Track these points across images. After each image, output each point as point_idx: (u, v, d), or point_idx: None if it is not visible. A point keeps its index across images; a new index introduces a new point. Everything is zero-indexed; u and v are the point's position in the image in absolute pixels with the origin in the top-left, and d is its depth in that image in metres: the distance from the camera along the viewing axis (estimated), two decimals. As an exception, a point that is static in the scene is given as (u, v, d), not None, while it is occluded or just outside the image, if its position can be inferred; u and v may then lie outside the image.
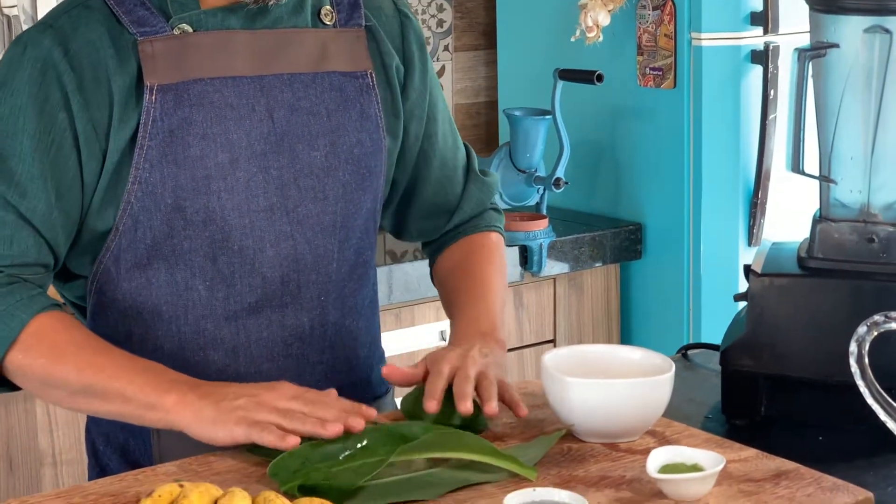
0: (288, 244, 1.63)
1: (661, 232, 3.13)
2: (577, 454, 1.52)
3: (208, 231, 1.58)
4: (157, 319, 1.60)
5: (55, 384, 1.55)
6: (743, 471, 1.46)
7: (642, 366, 1.60)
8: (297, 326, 1.65)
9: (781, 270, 1.69)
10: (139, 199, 1.56)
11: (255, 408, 1.46)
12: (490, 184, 1.89)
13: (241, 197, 1.60)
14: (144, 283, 1.60)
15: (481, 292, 1.76)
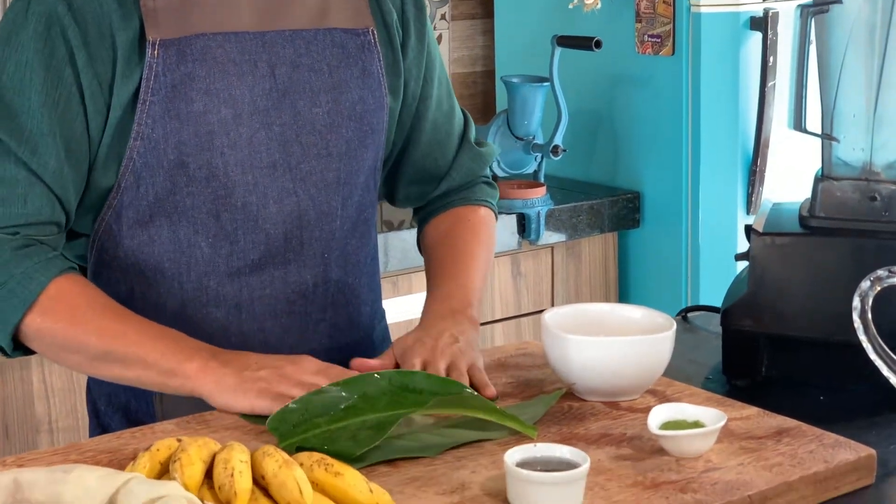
0: (291, 200, 1.62)
1: (659, 200, 3.12)
2: (578, 412, 1.51)
3: (211, 187, 1.57)
4: (159, 277, 1.59)
5: (75, 349, 1.54)
6: (744, 428, 1.46)
7: (643, 324, 1.59)
8: (300, 283, 1.65)
9: (783, 229, 1.67)
10: (142, 156, 1.55)
11: (278, 380, 1.46)
12: (484, 154, 1.87)
13: (244, 153, 1.58)
14: (147, 240, 1.59)
15: (461, 268, 1.75)
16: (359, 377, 1.50)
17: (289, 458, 1.23)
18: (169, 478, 1.22)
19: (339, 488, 1.22)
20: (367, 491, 1.22)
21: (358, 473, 1.24)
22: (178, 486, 1.06)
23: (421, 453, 1.38)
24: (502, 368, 1.66)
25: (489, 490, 1.29)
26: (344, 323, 1.69)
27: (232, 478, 1.19)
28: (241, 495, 1.18)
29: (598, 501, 1.27)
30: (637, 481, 1.31)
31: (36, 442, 2.43)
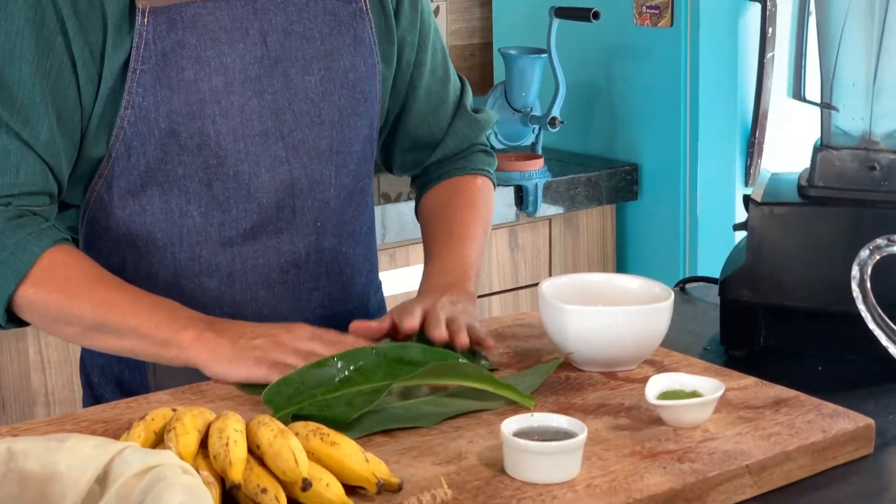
0: (283, 169, 1.61)
1: (657, 172, 3.11)
2: (575, 382, 1.50)
3: (203, 156, 1.56)
4: (151, 247, 1.58)
5: (68, 320, 1.53)
6: (742, 398, 1.45)
7: (641, 294, 1.58)
8: (293, 253, 1.64)
9: (781, 199, 1.66)
10: (132, 125, 1.54)
11: (273, 348, 1.45)
12: (481, 121, 1.86)
13: (236, 121, 1.57)
14: (138, 210, 1.58)
15: (457, 240, 1.74)
16: (354, 350, 1.49)
17: (284, 427, 1.22)
18: (164, 447, 1.21)
19: (334, 458, 1.21)
20: (363, 460, 1.21)
21: (354, 443, 1.23)
22: (173, 456, 1.05)
23: (417, 423, 1.37)
24: (499, 339, 1.65)
25: (486, 460, 1.29)
26: (338, 292, 1.69)
27: (227, 447, 1.18)
28: (236, 465, 1.17)
29: (595, 471, 1.26)
30: (634, 451, 1.31)
31: (32, 414, 2.43)
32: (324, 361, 1.46)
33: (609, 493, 1.22)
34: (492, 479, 1.24)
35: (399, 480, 1.22)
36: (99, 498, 1.06)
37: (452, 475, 1.25)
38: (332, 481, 1.19)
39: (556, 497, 1.21)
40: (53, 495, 1.08)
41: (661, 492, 1.23)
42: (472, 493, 1.22)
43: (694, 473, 1.26)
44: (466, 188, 1.82)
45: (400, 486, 1.22)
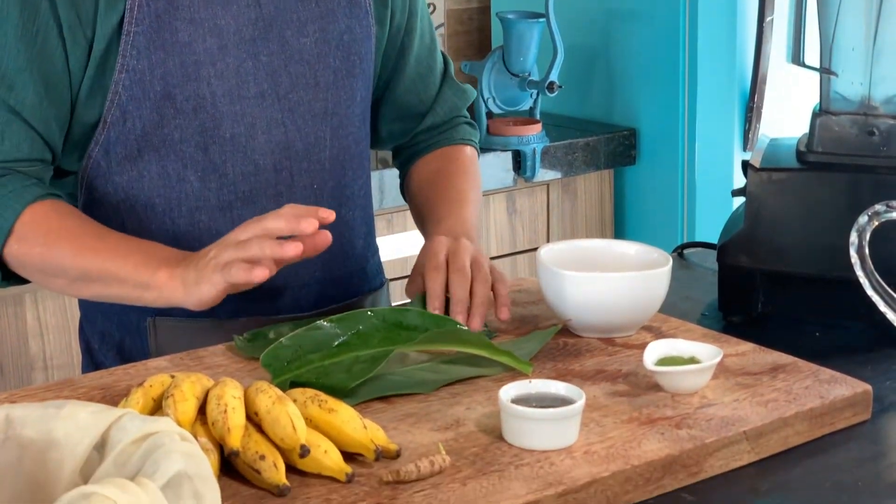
0: (279, 131, 1.60)
1: (655, 137, 3.10)
2: (573, 349, 1.50)
3: (199, 119, 1.56)
4: (150, 213, 1.58)
5: (54, 272, 1.53)
6: (740, 364, 1.45)
7: (639, 260, 1.58)
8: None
9: (780, 165, 1.66)
10: (127, 88, 1.53)
11: (221, 251, 1.43)
12: (466, 91, 1.87)
13: (232, 83, 1.57)
14: (136, 175, 1.57)
15: (456, 206, 1.74)
16: (351, 314, 1.50)
17: (282, 394, 1.22)
18: (162, 414, 1.21)
19: (332, 424, 1.21)
20: (361, 427, 1.21)
21: (352, 410, 1.23)
22: (171, 423, 1.05)
23: (415, 390, 1.37)
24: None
25: (484, 426, 1.29)
26: (337, 255, 1.68)
27: (225, 414, 1.18)
28: (235, 431, 1.17)
29: (593, 437, 1.26)
30: (632, 417, 1.31)
31: (30, 379, 2.43)
32: (320, 325, 1.46)
33: (607, 459, 1.22)
34: (490, 446, 1.25)
35: (397, 447, 1.22)
36: (97, 465, 1.06)
37: (450, 442, 1.26)
38: (331, 448, 1.19)
39: (553, 463, 1.21)
40: (51, 462, 1.08)
41: (658, 458, 1.23)
42: (470, 459, 1.22)
43: (692, 440, 1.26)
44: (458, 157, 1.83)
45: (398, 453, 1.22)
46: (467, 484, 1.17)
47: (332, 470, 1.18)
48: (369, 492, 1.16)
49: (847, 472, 1.28)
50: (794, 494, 1.23)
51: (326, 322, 1.47)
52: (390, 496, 1.15)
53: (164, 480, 0.96)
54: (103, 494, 0.92)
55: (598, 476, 1.19)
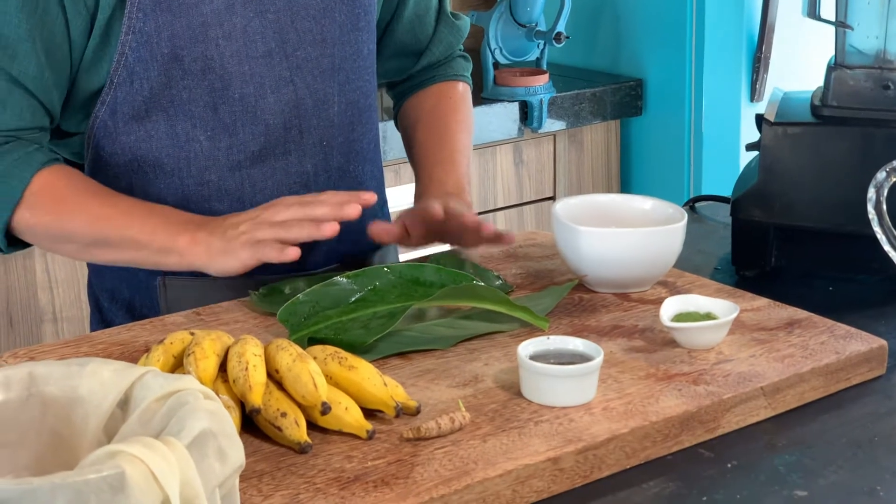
0: (288, 89, 1.60)
1: (662, 88, 3.09)
2: (589, 304, 1.50)
3: (207, 80, 1.55)
4: (159, 173, 1.57)
5: (66, 239, 1.54)
6: (755, 320, 1.45)
7: (653, 215, 1.58)
8: (302, 173, 1.63)
9: (795, 119, 1.65)
10: (134, 50, 1.52)
11: (255, 228, 1.44)
12: (460, 27, 1.87)
13: (240, 43, 1.56)
14: (144, 136, 1.56)
15: (448, 152, 1.74)
16: (368, 270, 1.50)
17: (302, 351, 1.22)
18: (183, 371, 1.21)
19: (352, 381, 1.22)
20: (382, 384, 1.22)
21: (371, 367, 1.24)
22: (193, 380, 1.05)
23: (433, 346, 1.38)
24: (511, 259, 1.65)
25: (502, 382, 1.29)
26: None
27: (246, 371, 1.19)
28: (256, 389, 1.18)
29: (610, 394, 1.27)
30: (650, 373, 1.31)
31: (40, 332, 2.43)
32: (337, 280, 1.47)
33: (625, 415, 1.22)
34: (508, 402, 1.25)
35: (417, 404, 1.23)
36: (121, 422, 1.07)
37: (469, 398, 1.26)
38: (351, 405, 1.19)
39: (572, 420, 1.21)
40: (75, 419, 1.08)
41: (676, 414, 1.23)
42: (489, 416, 1.22)
43: (709, 396, 1.27)
44: (450, 95, 1.84)
45: (418, 410, 1.23)
46: (487, 441, 1.18)
47: (353, 427, 1.18)
48: (390, 448, 1.16)
49: (863, 427, 1.29)
50: (810, 450, 1.24)
51: (343, 278, 1.47)
52: (411, 453, 1.16)
53: (190, 439, 0.96)
54: (130, 453, 0.93)
55: (617, 432, 1.19)
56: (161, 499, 0.92)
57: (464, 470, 1.12)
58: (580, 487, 1.17)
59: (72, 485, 0.90)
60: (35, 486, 0.90)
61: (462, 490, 1.10)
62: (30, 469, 1.08)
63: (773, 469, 1.20)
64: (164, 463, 0.94)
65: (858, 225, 1.55)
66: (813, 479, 1.18)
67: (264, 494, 1.09)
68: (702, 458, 1.23)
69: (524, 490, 1.14)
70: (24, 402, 1.09)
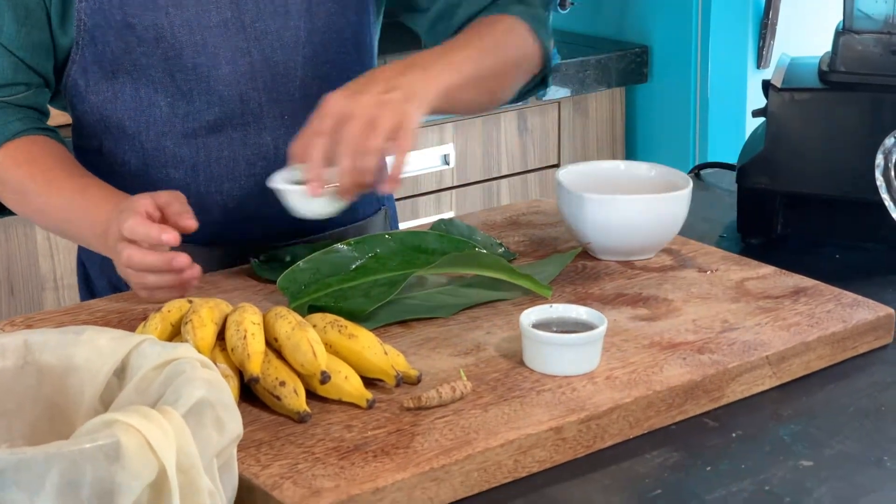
0: (245, 61, 1.54)
1: (667, 55, 3.07)
2: (592, 272, 1.49)
3: (161, 48, 1.51)
4: (122, 134, 1.56)
5: (30, 220, 1.59)
6: (761, 288, 1.44)
7: (658, 182, 1.56)
8: (261, 146, 1.58)
9: (802, 85, 1.63)
10: (90, 16, 1.50)
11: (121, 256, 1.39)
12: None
13: (191, 12, 1.51)
14: (111, 96, 1.55)
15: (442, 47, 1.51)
16: (369, 237, 1.48)
17: (302, 319, 1.21)
18: (180, 339, 1.20)
19: (353, 350, 1.20)
20: (382, 353, 1.20)
21: (372, 335, 1.22)
22: (191, 349, 1.04)
23: (434, 314, 1.36)
24: (515, 227, 1.64)
25: (504, 351, 1.28)
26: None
27: (245, 340, 1.17)
28: (254, 357, 1.16)
29: (614, 363, 1.25)
30: (654, 342, 1.30)
31: (41, 299, 2.42)
32: (337, 248, 1.45)
33: (629, 385, 1.21)
34: (511, 371, 1.24)
35: (418, 372, 1.22)
36: (118, 391, 1.06)
37: (471, 367, 1.25)
38: (351, 374, 1.18)
39: (575, 389, 1.20)
40: (71, 388, 1.07)
41: (680, 383, 1.22)
42: (491, 385, 1.21)
43: (714, 365, 1.25)
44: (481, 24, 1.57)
45: (419, 379, 1.21)
46: (489, 410, 1.16)
47: (353, 396, 1.17)
48: (390, 418, 1.15)
49: (870, 396, 1.27)
50: (816, 419, 1.23)
51: (343, 245, 1.45)
52: (412, 422, 1.14)
53: (187, 408, 0.95)
54: (126, 423, 0.91)
55: (620, 402, 1.18)
56: (157, 468, 0.91)
57: (465, 440, 1.11)
58: (583, 457, 1.16)
59: (67, 454, 0.89)
60: (29, 456, 0.88)
61: (463, 460, 1.08)
62: (25, 438, 1.07)
63: (779, 439, 1.19)
64: (160, 433, 0.92)
65: (866, 192, 1.54)
66: (819, 449, 1.17)
67: (263, 464, 1.08)
68: (706, 427, 1.21)
69: (526, 460, 1.12)
70: (19, 371, 1.07)
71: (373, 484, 1.04)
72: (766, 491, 1.10)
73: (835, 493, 1.10)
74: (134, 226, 1.35)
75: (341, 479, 1.05)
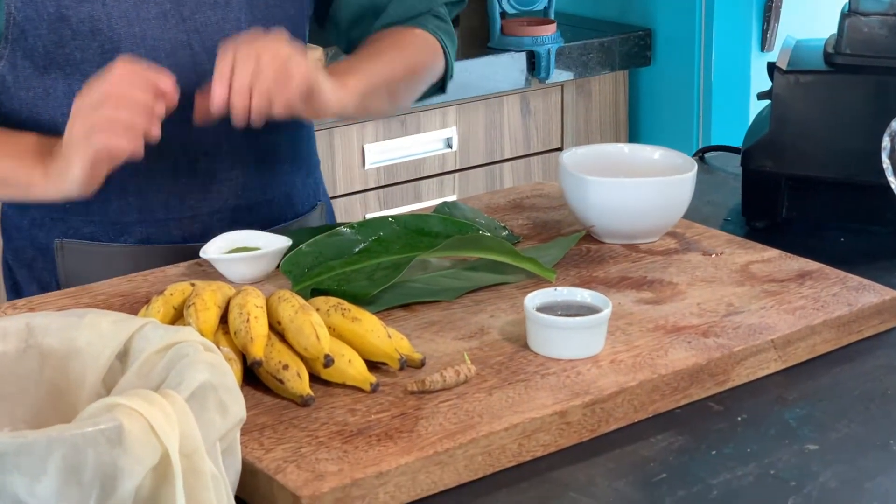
0: (185, 54, 1.52)
1: (671, 38, 3.05)
2: (597, 255, 1.48)
3: (97, 41, 1.48)
4: (55, 132, 1.48)
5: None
6: (766, 271, 1.43)
7: (662, 165, 1.55)
8: (202, 142, 1.54)
9: (807, 67, 1.62)
10: (20, 10, 1.46)
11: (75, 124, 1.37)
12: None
13: (129, 4, 1.48)
14: (42, 93, 1.50)
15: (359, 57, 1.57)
16: (372, 220, 1.48)
17: (305, 303, 1.20)
18: (183, 323, 1.20)
19: (356, 333, 1.20)
20: (386, 336, 1.20)
21: (375, 318, 1.22)
22: (194, 332, 1.03)
23: (438, 297, 1.36)
24: (518, 209, 1.63)
25: (508, 335, 1.27)
26: (255, 182, 1.60)
27: (248, 323, 1.17)
28: (258, 341, 1.16)
29: (619, 346, 1.25)
30: (658, 325, 1.29)
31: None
32: (340, 231, 1.45)
33: (634, 368, 1.20)
34: (515, 355, 1.23)
35: (422, 356, 1.21)
36: (120, 374, 1.05)
37: (475, 350, 1.24)
38: (355, 357, 1.17)
39: (580, 373, 1.19)
40: (73, 371, 1.07)
41: (685, 367, 1.21)
42: (495, 368, 1.21)
43: (719, 348, 1.25)
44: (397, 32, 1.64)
45: (423, 362, 1.21)
46: (493, 394, 1.16)
47: (357, 380, 1.16)
48: (394, 402, 1.15)
49: (875, 379, 1.27)
50: (821, 403, 1.22)
51: (347, 228, 1.45)
52: (415, 406, 1.14)
53: (189, 392, 0.95)
54: (129, 406, 0.91)
55: (625, 385, 1.17)
56: (160, 452, 0.91)
57: (469, 423, 1.10)
58: (587, 441, 1.15)
59: (69, 438, 0.88)
60: (31, 440, 0.88)
61: (467, 444, 1.08)
62: (28, 422, 1.06)
63: (784, 423, 1.18)
64: (162, 416, 0.92)
65: (872, 175, 1.53)
66: (824, 432, 1.17)
67: (266, 448, 1.07)
68: (711, 411, 1.21)
69: (530, 444, 1.12)
70: (21, 354, 1.07)
71: (376, 468, 1.04)
72: (771, 475, 1.09)
73: (840, 477, 1.09)
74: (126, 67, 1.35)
75: (345, 463, 1.05)
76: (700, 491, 1.07)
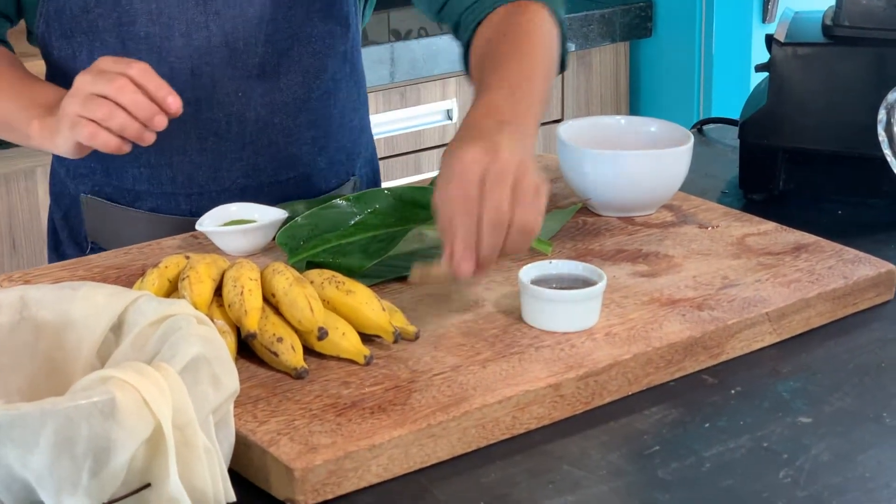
0: (201, 35, 1.51)
1: (672, 9, 3.04)
2: (593, 228, 1.48)
3: (116, 12, 1.50)
4: None
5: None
6: (762, 244, 1.43)
7: (659, 137, 1.55)
8: (212, 121, 1.55)
9: (805, 39, 1.62)
10: None
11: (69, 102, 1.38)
12: None
13: None
14: (70, 55, 1.53)
15: (505, 71, 1.35)
16: (368, 192, 1.47)
17: (299, 275, 1.20)
18: (177, 295, 1.20)
19: (350, 306, 1.20)
20: (380, 309, 1.20)
21: (370, 291, 1.22)
22: (188, 305, 1.03)
23: (433, 270, 1.35)
24: (515, 183, 1.62)
25: (503, 307, 1.27)
26: (265, 163, 1.59)
27: (242, 296, 1.17)
28: (252, 314, 1.16)
29: (613, 319, 1.25)
30: (653, 298, 1.29)
31: (43, 255, 2.42)
32: (336, 203, 1.44)
33: (628, 341, 1.20)
34: (509, 328, 1.23)
35: (416, 329, 1.21)
36: (114, 347, 1.05)
37: (469, 323, 1.24)
38: (349, 330, 1.18)
39: (574, 346, 1.20)
40: (68, 344, 1.07)
41: (680, 340, 1.21)
42: (489, 341, 1.21)
43: (713, 321, 1.25)
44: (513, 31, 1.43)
45: (417, 335, 1.21)
46: (487, 367, 1.16)
47: (351, 352, 1.17)
48: (388, 374, 1.15)
49: (870, 353, 1.27)
50: (816, 376, 1.22)
51: (342, 200, 1.45)
52: (409, 379, 1.14)
53: (182, 364, 0.95)
54: (122, 379, 0.91)
55: (619, 358, 1.18)
56: (153, 425, 0.91)
57: (462, 396, 1.11)
58: (581, 414, 1.15)
59: (62, 411, 0.88)
60: (24, 412, 0.88)
61: (460, 417, 1.08)
62: (22, 394, 1.07)
63: (778, 396, 1.18)
64: (156, 389, 0.92)
65: (868, 148, 1.53)
66: (818, 405, 1.17)
67: (260, 420, 1.08)
68: (705, 384, 1.21)
69: (524, 416, 1.12)
70: (15, 326, 1.07)
71: (370, 440, 1.04)
72: (764, 447, 1.10)
73: (833, 450, 1.10)
74: (147, 70, 1.34)
75: (338, 436, 1.05)
76: (693, 463, 1.08)
